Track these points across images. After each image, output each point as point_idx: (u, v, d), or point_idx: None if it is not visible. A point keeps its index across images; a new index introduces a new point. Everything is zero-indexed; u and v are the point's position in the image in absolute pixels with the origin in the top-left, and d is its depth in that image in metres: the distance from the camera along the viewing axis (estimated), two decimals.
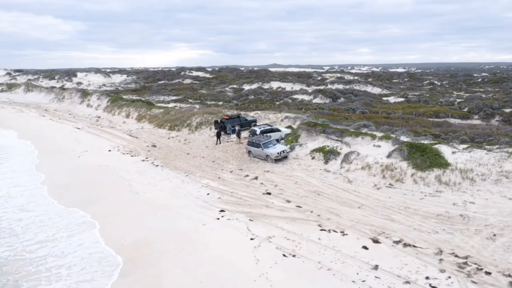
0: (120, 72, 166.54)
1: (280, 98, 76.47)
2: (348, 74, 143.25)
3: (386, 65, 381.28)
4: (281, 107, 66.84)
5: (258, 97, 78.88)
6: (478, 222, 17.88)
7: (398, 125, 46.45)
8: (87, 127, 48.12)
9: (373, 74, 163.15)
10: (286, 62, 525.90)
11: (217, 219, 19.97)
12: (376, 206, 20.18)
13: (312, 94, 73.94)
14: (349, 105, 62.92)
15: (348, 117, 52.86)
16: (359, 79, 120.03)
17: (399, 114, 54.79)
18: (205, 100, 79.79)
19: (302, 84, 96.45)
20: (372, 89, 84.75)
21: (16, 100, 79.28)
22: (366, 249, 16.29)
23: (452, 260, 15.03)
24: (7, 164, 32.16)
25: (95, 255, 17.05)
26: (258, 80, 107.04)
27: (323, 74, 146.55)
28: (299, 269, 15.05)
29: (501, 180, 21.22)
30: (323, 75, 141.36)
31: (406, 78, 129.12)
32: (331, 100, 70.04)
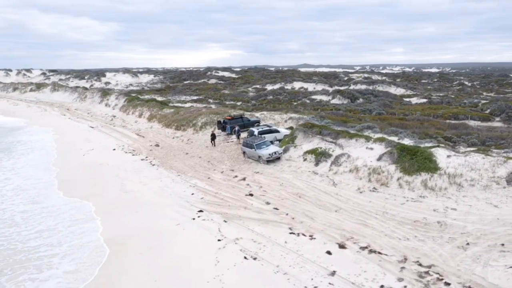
0: (147, 72, 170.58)
1: (298, 98, 76.05)
2: (376, 74, 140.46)
3: (419, 65, 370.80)
4: (297, 107, 66.60)
5: (276, 98, 78.76)
6: (455, 230, 17.18)
7: (412, 126, 45.37)
8: (100, 126, 49.66)
9: (403, 74, 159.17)
10: (316, 62, 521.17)
11: (192, 219, 20.17)
12: (353, 210, 19.77)
13: (331, 95, 73.00)
14: (366, 106, 61.75)
15: (362, 118, 51.97)
16: (387, 79, 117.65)
17: (417, 115, 53.25)
18: (225, 100, 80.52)
19: (324, 84, 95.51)
20: (395, 89, 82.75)
21: (42, 99, 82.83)
22: (330, 254, 16.00)
23: (414, 269, 14.52)
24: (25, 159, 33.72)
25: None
26: (282, 81, 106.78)
27: (350, 74, 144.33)
28: (256, 272, 14.98)
29: (491, 186, 20.29)
30: (350, 75, 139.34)
31: (435, 79, 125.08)
32: (350, 101, 68.95)
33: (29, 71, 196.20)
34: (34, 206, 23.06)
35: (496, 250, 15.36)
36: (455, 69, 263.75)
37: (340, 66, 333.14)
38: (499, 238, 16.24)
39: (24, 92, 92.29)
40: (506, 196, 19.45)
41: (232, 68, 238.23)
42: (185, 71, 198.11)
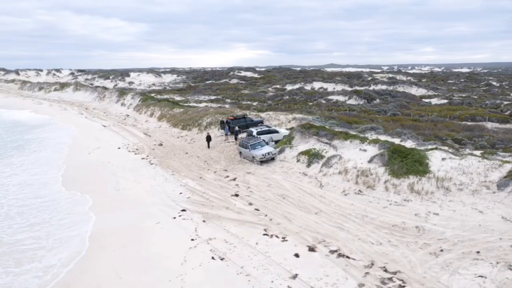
0: (171, 72, 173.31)
1: (314, 98, 75.52)
2: (401, 74, 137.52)
3: (450, 65, 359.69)
4: (311, 108, 66.17)
5: (292, 98, 78.46)
6: (432, 236, 16.68)
7: (425, 128, 44.48)
8: (112, 125, 50.89)
9: (431, 74, 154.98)
10: (344, 62, 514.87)
11: (173, 218, 20.43)
12: (333, 213, 19.50)
13: (348, 95, 72.07)
14: (382, 106, 60.66)
15: (374, 118, 51.23)
16: (412, 79, 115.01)
17: (432, 116, 51.93)
18: (242, 100, 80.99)
19: (344, 84, 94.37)
20: (416, 90, 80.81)
21: (65, 98, 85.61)
22: (297, 257, 15.87)
23: (379, 275, 14.21)
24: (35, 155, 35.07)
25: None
26: (302, 81, 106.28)
27: (374, 74, 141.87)
28: (219, 273, 15.04)
29: (480, 191, 19.57)
30: (375, 75, 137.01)
31: (463, 79, 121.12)
32: (366, 101, 67.89)
33: (59, 71, 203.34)
34: (33, 200, 23.92)
35: (470, 258, 14.82)
36: (487, 69, 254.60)
37: (368, 66, 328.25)
38: (476, 245, 15.67)
39: (48, 91, 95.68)
40: (494, 201, 18.71)
41: (258, 68, 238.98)
42: (208, 71, 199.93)
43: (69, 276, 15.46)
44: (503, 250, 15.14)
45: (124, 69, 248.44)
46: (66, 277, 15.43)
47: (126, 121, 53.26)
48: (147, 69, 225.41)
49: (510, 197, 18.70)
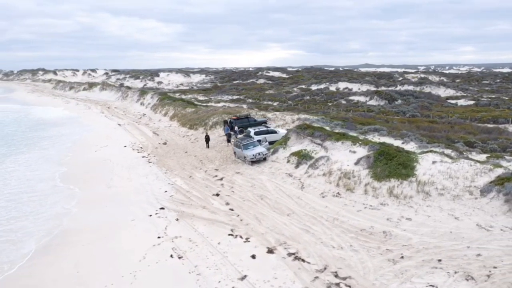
0: (200, 72, 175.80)
1: (335, 99, 74.45)
2: (435, 74, 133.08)
3: (491, 65, 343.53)
4: (330, 108, 65.35)
5: (313, 98, 77.71)
6: (397, 241, 16.12)
7: (440, 130, 43.20)
8: (127, 123, 52.32)
9: (467, 75, 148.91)
10: (378, 62, 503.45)
11: (149, 215, 20.80)
12: (305, 215, 19.22)
13: (369, 96, 70.62)
14: (402, 107, 59.02)
15: (390, 120, 50.04)
16: (445, 80, 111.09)
17: (452, 118, 50.11)
18: (263, 100, 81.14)
19: (370, 85, 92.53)
20: (444, 91, 78.02)
21: (91, 97, 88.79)
22: (253, 258, 15.78)
23: (327, 280, 13.90)
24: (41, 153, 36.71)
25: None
26: (327, 81, 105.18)
27: (406, 74, 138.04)
28: (171, 271, 15.21)
29: (462, 196, 18.72)
30: (406, 75, 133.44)
31: (499, 79, 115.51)
32: (387, 102, 66.24)
33: (94, 71, 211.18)
34: (24, 194, 25.05)
35: (429, 266, 14.22)
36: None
37: (403, 66, 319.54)
38: (440, 253, 15.01)
39: (78, 91, 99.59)
40: (473, 208, 17.85)
41: (291, 68, 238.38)
42: (237, 71, 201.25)
43: (24, 270, 16.06)
44: (467, 260, 14.43)
45: (160, 69, 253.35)
46: (20, 271, 16.02)
47: (140, 120, 54.61)
48: (182, 69, 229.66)
49: (491, 204, 17.79)
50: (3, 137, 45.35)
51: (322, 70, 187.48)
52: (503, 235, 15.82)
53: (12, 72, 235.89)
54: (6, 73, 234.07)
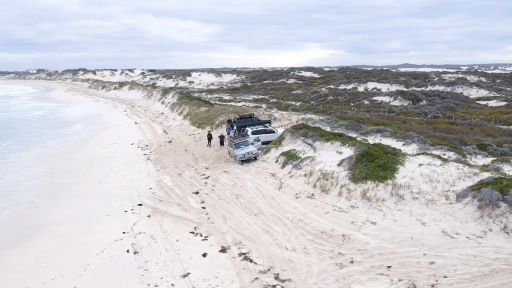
0: (232, 72, 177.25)
1: (358, 99, 72.89)
2: (474, 74, 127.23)
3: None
4: (350, 108, 64.18)
5: (336, 98, 76.47)
6: (353, 245, 15.63)
7: (458, 132, 41.77)
8: (143, 122, 53.68)
9: (510, 75, 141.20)
10: (420, 62, 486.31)
11: (125, 211, 21.27)
12: (272, 215, 19.00)
13: (393, 96, 68.68)
14: (424, 108, 57.04)
15: (408, 120, 48.68)
16: (484, 80, 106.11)
17: (476, 120, 47.97)
18: (287, 100, 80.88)
19: (400, 85, 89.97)
20: (477, 91, 74.63)
21: (120, 96, 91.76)
22: (204, 256, 15.80)
23: (266, 282, 13.69)
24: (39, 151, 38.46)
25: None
26: (356, 81, 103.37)
27: (443, 74, 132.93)
28: (120, 266, 15.51)
29: (437, 201, 17.87)
30: (443, 75, 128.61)
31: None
32: (411, 103, 64.17)
33: (132, 71, 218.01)
34: (14, 188, 26.30)
35: (375, 272, 13.70)
36: None
37: (445, 66, 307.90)
38: (393, 259, 14.42)
39: (109, 90, 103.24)
40: (445, 213, 16.99)
41: (328, 68, 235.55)
42: (269, 71, 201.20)
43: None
44: (418, 267, 13.78)
45: (199, 69, 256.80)
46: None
47: (157, 119, 55.86)
48: (216, 69, 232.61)
49: (464, 209, 16.86)
50: (20, 134, 47.83)
51: (356, 70, 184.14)
52: (467, 243, 14.97)
53: (56, 72, 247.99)
54: (50, 73, 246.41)
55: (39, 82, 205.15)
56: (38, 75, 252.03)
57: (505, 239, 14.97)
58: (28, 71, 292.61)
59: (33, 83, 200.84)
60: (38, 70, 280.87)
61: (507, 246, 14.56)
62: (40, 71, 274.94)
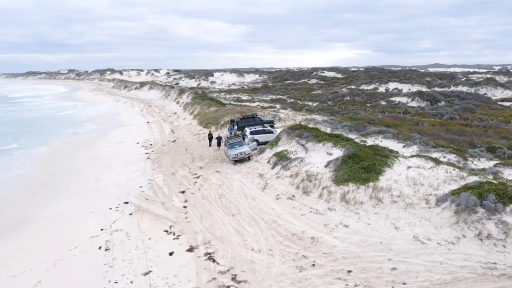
0: (254, 72, 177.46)
1: (375, 100, 71.58)
2: (503, 74, 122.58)
3: None
4: (365, 109, 63.17)
5: (353, 99, 75.37)
6: (320, 249, 15.39)
7: (471, 134, 40.67)
8: (155, 121, 54.52)
9: None
10: (450, 62, 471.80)
11: (109, 209, 21.70)
12: (248, 216, 18.95)
13: (411, 97, 67.10)
14: (441, 109, 55.42)
15: (420, 122, 47.60)
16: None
17: (493, 121, 46.36)
18: (304, 100, 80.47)
19: (422, 85, 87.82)
20: (502, 92, 71.92)
21: (140, 96, 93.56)
22: (170, 255, 15.95)
23: (222, 282, 13.68)
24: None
25: None
26: (378, 81, 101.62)
27: (471, 75, 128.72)
28: (88, 262, 15.86)
29: (417, 204, 17.36)
30: (471, 76, 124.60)
31: None
32: (429, 104, 62.48)
33: (157, 71, 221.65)
34: (10, 184, 27.26)
35: (333, 276, 13.46)
36: None
37: (477, 66, 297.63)
38: (356, 263, 14.11)
39: (130, 90, 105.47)
40: (421, 217, 16.48)
41: (355, 68, 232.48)
42: (292, 71, 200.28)
43: None
44: (379, 273, 13.43)
45: (227, 69, 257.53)
46: None
47: (169, 118, 56.62)
48: (248, 69, 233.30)
49: (442, 214, 16.31)
50: (33, 132, 49.56)
51: (381, 70, 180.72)
52: (437, 250, 14.47)
53: (86, 72, 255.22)
54: (79, 73, 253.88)
55: (68, 82, 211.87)
56: (67, 75, 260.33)
57: (478, 246, 14.38)
58: (59, 71, 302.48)
59: (62, 83, 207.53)
60: (69, 71, 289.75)
61: (479, 253, 13.98)
62: (70, 71, 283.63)
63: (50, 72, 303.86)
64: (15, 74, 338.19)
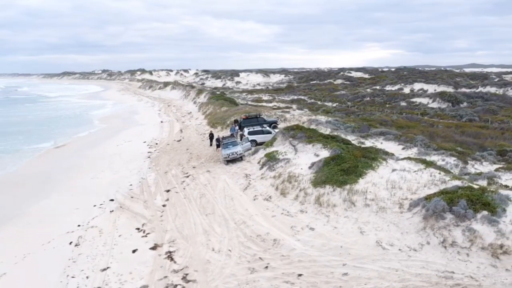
0: (280, 72, 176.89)
1: (395, 101, 69.88)
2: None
3: None
4: (384, 110, 61.86)
5: (372, 99, 73.87)
6: (279, 251, 15.22)
7: (487, 136, 39.29)
8: (168, 121, 55.41)
9: None
10: (487, 62, 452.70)
11: (94, 206, 22.24)
12: (221, 216, 18.96)
13: (432, 98, 65.14)
14: (461, 111, 53.48)
15: (436, 123, 46.28)
16: None
17: None
18: (324, 100, 79.77)
19: (448, 86, 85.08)
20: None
21: (162, 96, 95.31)
22: (133, 252, 16.21)
23: (172, 281, 13.80)
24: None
25: None
26: (402, 82, 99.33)
27: (506, 75, 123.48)
28: (54, 256, 16.37)
29: (390, 209, 16.89)
30: (505, 76, 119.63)
31: None
32: (450, 105, 60.41)
33: (187, 71, 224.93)
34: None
35: (283, 279, 13.30)
36: None
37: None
38: (310, 267, 13.88)
39: (154, 90, 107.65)
40: (390, 222, 16.00)
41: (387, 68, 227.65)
42: (319, 71, 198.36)
43: None
44: (330, 278, 13.15)
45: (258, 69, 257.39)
46: None
47: (183, 118, 57.40)
48: (278, 69, 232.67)
49: (411, 219, 15.78)
50: (50, 130, 51.39)
51: (412, 70, 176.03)
52: (396, 256, 14.01)
53: (118, 72, 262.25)
54: (110, 73, 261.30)
55: (100, 82, 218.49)
56: (100, 75, 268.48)
57: (441, 253, 13.81)
58: (94, 71, 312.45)
59: (95, 82, 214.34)
60: (103, 71, 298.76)
61: (439, 261, 13.42)
62: (104, 71, 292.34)
63: (84, 72, 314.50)
64: (51, 74, 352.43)
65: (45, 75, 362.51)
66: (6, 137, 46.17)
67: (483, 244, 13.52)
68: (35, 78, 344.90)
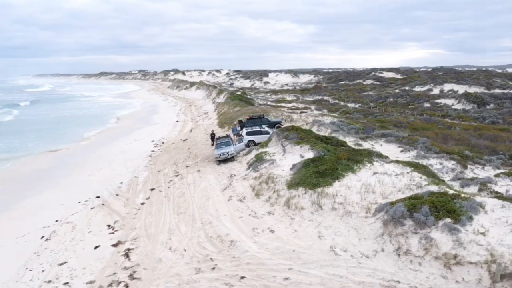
0: (310, 73, 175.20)
1: (418, 102, 67.66)
2: None
3: None
4: (405, 111, 60.12)
5: (396, 100, 71.83)
6: (231, 252, 15.13)
7: (505, 139, 37.65)
8: (183, 121, 56.21)
9: None
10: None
11: (79, 202, 22.92)
12: (191, 216, 19.06)
13: (458, 99, 62.65)
14: (485, 113, 51.15)
15: (454, 125, 44.64)
16: None
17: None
18: (347, 101, 78.59)
19: (480, 86, 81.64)
20: None
21: (187, 95, 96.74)
22: (95, 248, 16.61)
23: (118, 278, 14.06)
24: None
25: None
26: (432, 82, 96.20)
27: None
28: (24, 249, 17.03)
29: (355, 213, 16.42)
30: None
31: None
32: (476, 106, 57.85)
33: (218, 71, 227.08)
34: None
35: (224, 281, 13.26)
36: None
37: None
38: (255, 270, 13.72)
39: (180, 90, 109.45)
40: (351, 227, 15.54)
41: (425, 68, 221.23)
42: (349, 71, 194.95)
43: None
44: (271, 282, 12.97)
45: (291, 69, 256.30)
46: None
47: (198, 117, 58.06)
48: (313, 69, 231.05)
49: (373, 225, 15.27)
50: (66, 128, 53.24)
51: (448, 70, 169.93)
52: (346, 262, 13.60)
53: (155, 72, 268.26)
54: (145, 73, 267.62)
55: (134, 82, 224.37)
56: (135, 75, 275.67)
57: (393, 261, 13.27)
58: (130, 71, 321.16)
59: (130, 82, 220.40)
60: (139, 71, 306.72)
61: (389, 270, 12.91)
62: (140, 71, 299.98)
63: (120, 72, 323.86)
64: (90, 74, 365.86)
65: (84, 75, 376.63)
66: (20, 136, 47.93)
67: (438, 253, 12.88)
68: (75, 78, 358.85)
